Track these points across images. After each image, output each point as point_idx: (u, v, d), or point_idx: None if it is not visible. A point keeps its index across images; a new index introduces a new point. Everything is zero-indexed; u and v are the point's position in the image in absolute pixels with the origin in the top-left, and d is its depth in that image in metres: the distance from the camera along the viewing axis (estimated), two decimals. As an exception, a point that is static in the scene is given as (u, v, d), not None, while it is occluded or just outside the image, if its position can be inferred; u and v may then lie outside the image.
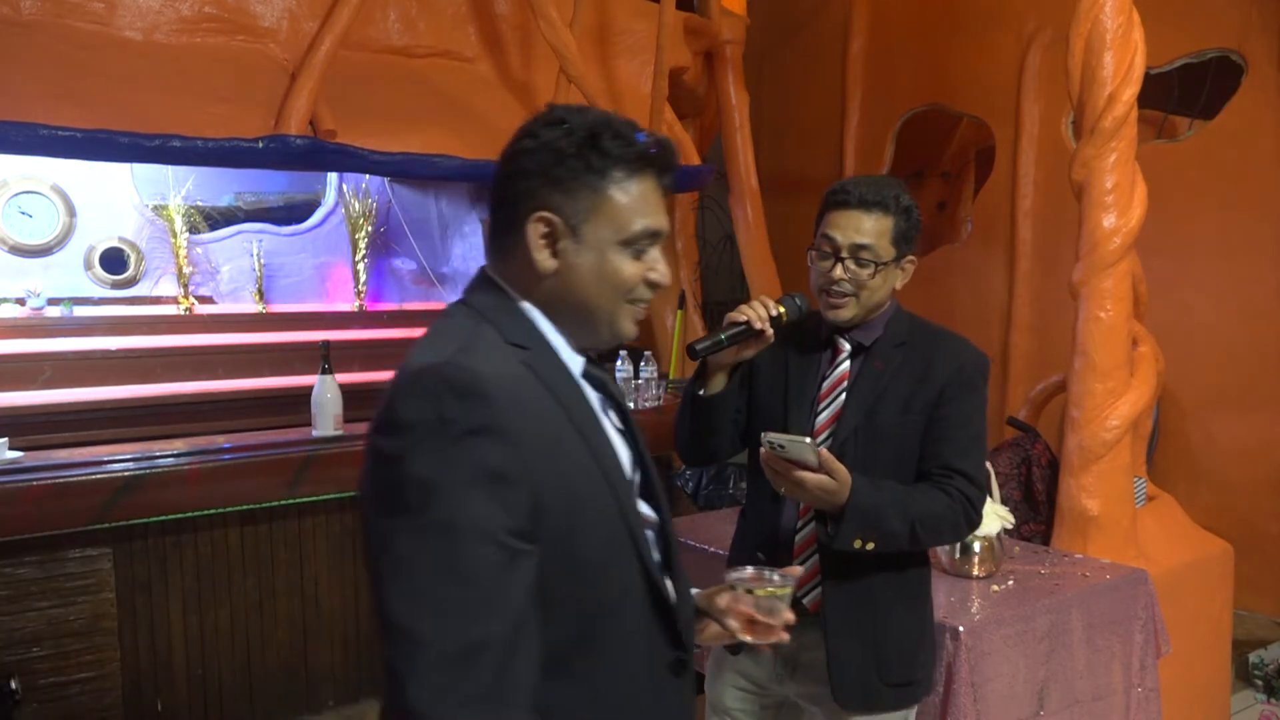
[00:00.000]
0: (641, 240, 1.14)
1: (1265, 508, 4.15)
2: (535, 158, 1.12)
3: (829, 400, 1.86)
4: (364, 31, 3.59)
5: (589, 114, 1.14)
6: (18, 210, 4.05)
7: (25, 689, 2.69)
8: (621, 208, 1.12)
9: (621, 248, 1.14)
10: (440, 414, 0.98)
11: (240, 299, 4.52)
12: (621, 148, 1.12)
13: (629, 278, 1.15)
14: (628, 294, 1.16)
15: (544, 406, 1.08)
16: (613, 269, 1.13)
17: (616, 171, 1.12)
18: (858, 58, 5.44)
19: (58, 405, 3.58)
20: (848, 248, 1.81)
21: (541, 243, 1.12)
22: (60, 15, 3.01)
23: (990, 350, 4.83)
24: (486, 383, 1.01)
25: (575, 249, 1.12)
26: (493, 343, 1.10)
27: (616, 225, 1.13)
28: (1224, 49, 4.25)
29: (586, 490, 1.09)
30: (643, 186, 1.14)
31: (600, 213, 1.12)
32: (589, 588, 1.08)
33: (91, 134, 2.88)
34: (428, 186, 4.85)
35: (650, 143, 1.14)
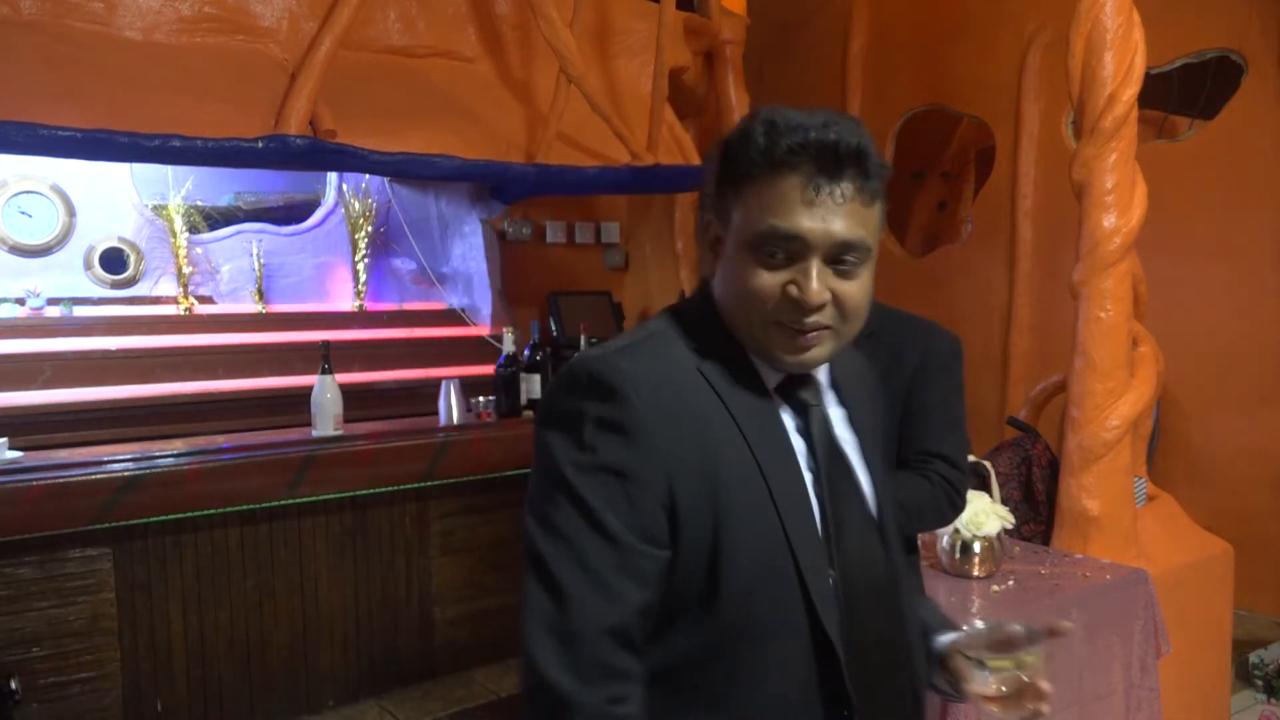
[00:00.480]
0: (769, 243, 1.01)
1: (1265, 508, 4.15)
2: (712, 158, 1.08)
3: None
4: (364, 31, 3.59)
5: (774, 110, 1.04)
6: (17, 210, 4.04)
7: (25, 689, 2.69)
8: (754, 205, 1.01)
9: (749, 249, 1.02)
10: (578, 407, 1.00)
11: (240, 299, 4.52)
12: (767, 138, 1.00)
13: (757, 288, 1.01)
14: (764, 310, 1.02)
15: (708, 414, 1.02)
16: (741, 274, 1.03)
17: (757, 164, 1.01)
18: (858, 58, 5.44)
19: (58, 405, 3.58)
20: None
21: (709, 248, 1.09)
22: (60, 15, 3.01)
23: (990, 350, 4.86)
24: (626, 382, 0.99)
25: (725, 253, 1.06)
26: (668, 345, 1.07)
27: (747, 223, 1.02)
28: (1224, 49, 4.25)
29: (742, 507, 1.01)
30: (782, 183, 1.00)
31: (738, 210, 1.03)
32: (728, 610, 1.01)
33: (91, 134, 2.87)
34: (428, 186, 4.85)
35: (802, 134, 1.00)
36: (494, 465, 3.65)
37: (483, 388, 3.94)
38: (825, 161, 1.00)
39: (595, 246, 5.30)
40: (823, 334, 1.04)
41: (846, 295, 1.03)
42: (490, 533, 3.76)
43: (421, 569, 3.59)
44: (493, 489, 3.72)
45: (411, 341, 4.57)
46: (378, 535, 3.48)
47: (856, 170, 1.01)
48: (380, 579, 3.50)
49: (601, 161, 4.07)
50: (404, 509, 3.55)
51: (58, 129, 2.83)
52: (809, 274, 1.01)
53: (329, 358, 3.37)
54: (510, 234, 4.93)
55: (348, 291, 4.75)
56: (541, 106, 3.99)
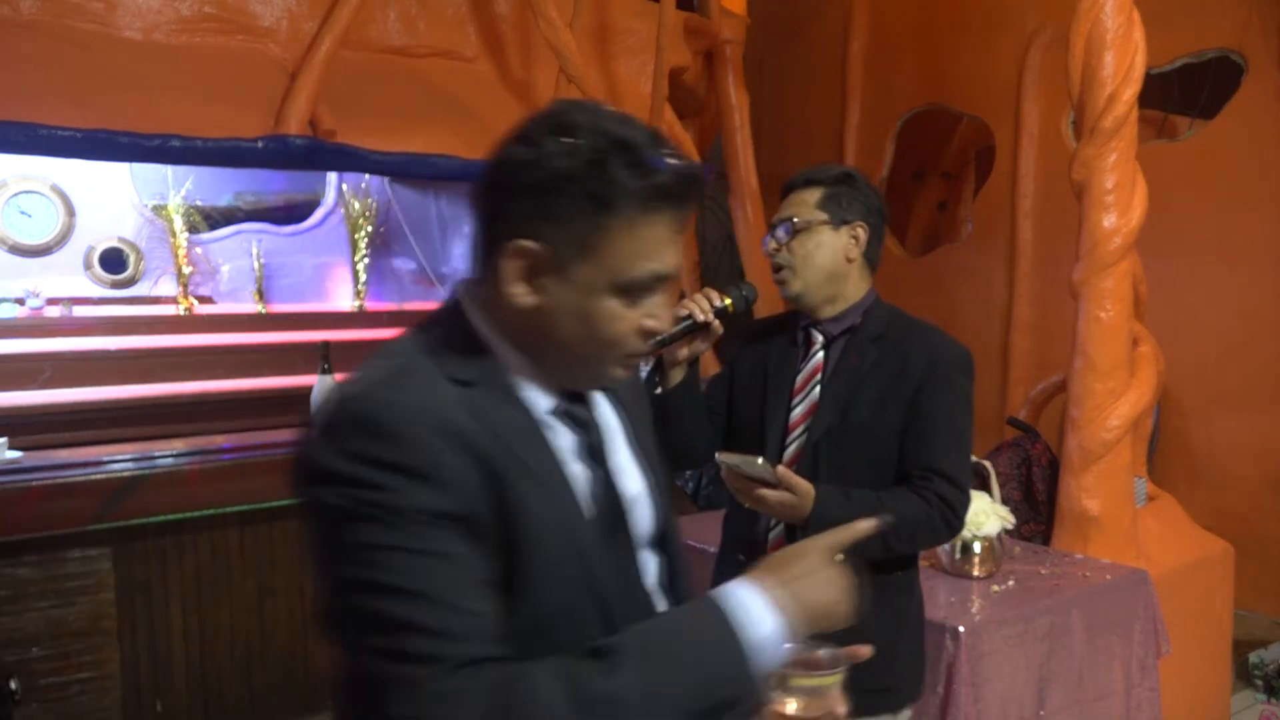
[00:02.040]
0: (643, 286, 0.97)
1: (1265, 508, 4.15)
2: (527, 173, 0.94)
3: (804, 394, 1.83)
4: (364, 31, 3.59)
5: (602, 123, 0.95)
6: (17, 210, 4.04)
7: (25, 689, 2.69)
8: (623, 249, 0.94)
9: (615, 293, 0.96)
10: (359, 451, 0.89)
11: (240, 299, 4.52)
12: (635, 178, 0.93)
13: (620, 330, 0.97)
14: (616, 346, 0.99)
15: (482, 444, 0.93)
16: (601, 317, 0.96)
17: (624, 206, 0.93)
18: (858, 58, 5.44)
19: (58, 405, 3.58)
20: (777, 221, 1.84)
21: (517, 275, 0.96)
22: (60, 15, 3.01)
23: (990, 350, 4.86)
24: (403, 419, 0.90)
25: (558, 287, 0.96)
26: (426, 374, 0.96)
27: (613, 268, 0.95)
28: (1224, 49, 4.25)
29: (538, 534, 0.95)
30: (654, 225, 0.95)
31: (596, 251, 0.94)
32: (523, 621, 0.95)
33: (91, 134, 2.88)
34: (428, 186, 4.85)
35: (671, 173, 0.94)
36: (494, 465, 3.64)
37: (483, 388, 3.94)
38: (688, 196, 0.97)
39: (595, 246, 5.30)
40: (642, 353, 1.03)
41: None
42: (490, 533, 3.76)
43: (421, 569, 3.59)
44: (493, 489, 3.72)
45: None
46: (378, 535, 3.48)
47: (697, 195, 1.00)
48: (380, 579, 3.49)
49: (601, 161, 4.06)
50: (404, 509, 3.55)
51: (58, 129, 2.83)
52: (664, 305, 1.00)
53: (329, 358, 3.37)
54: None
55: (347, 291, 4.75)
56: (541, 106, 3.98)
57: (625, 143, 0.94)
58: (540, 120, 0.98)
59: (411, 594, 0.87)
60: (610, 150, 0.93)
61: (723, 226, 6.14)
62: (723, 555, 1.97)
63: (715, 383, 1.97)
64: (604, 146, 0.93)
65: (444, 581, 0.88)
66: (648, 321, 0.99)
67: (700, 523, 2.98)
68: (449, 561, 0.89)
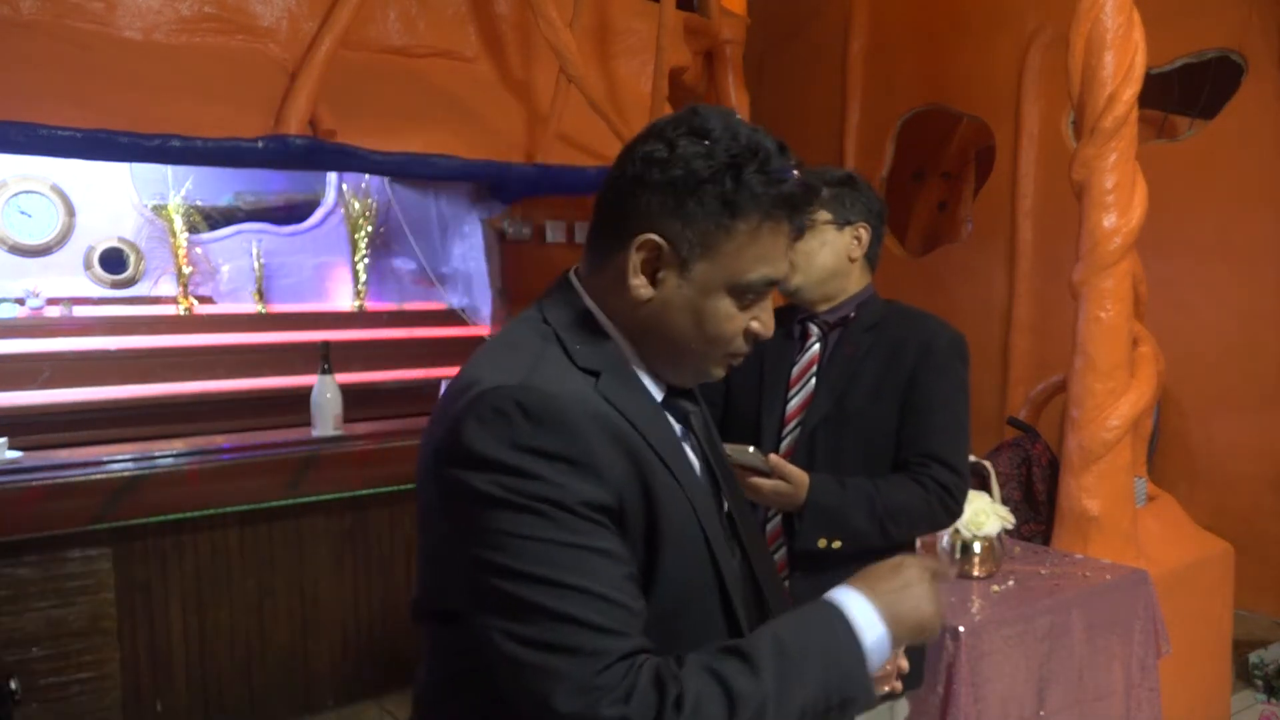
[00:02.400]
0: (755, 289, 1.02)
1: (1265, 508, 4.15)
2: (664, 171, 0.98)
3: (800, 385, 1.85)
4: (364, 31, 3.59)
5: (737, 130, 0.99)
6: (17, 210, 4.04)
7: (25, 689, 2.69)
8: (743, 252, 0.99)
9: (730, 294, 1.01)
10: (516, 442, 0.91)
11: (240, 299, 4.52)
12: (765, 185, 0.98)
13: (729, 329, 1.03)
14: (723, 344, 1.04)
15: (624, 434, 0.97)
16: (714, 315, 1.01)
17: (751, 211, 0.98)
18: (858, 58, 5.44)
19: (58, 405, 3.58)
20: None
21: (641, 268, 1.00)
22: (60, 15, 3.01)
23: (990, 350, 4.86)
24: (563, 408, 0.93)
25: (678, 284, 1.00)
26: (561, 365, 1.00)
27: (732, 269, 1.00)
28: (1224, 49, 4.25)
29: (673, 521, 1.00)
30: (775, 232, 1.00)
31: (719, 252, 0.99)
32: (662, 599, 0.99)
33: (91, 134, 2.87)
34: (428, 186, 4.85)
35: (796, 184, 1.00)
36: (494, 465, 3.64)
37: (483, 388, 3.94)
38: (803, 208, 1.03)
39: (595, 246, 5.30)
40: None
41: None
42: (490, 533, 3.76)
43: (421, 569, 3.59)
44: (493, 489, 3.72)
45: (411, 341, 4.57)
46: (378, 535, 3.48)
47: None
48: (380, 579, 3.49)
49: (601, 161, 4.06)
50: (404, 509, 3.55)
51: (58, 129, 2.83)
52: (770, 310, 1.06)
53: (329, 358, 3.37)
54: (510, 234, 4.92)
55: (347, 291, 4.75)
56: (541, 106, 3.99)
57: (758, 150, 0.98)
58: (677, 121, 1.01)
59: (573, 589, 0.89)
60: (744, 156, 0.97)
61: (723, 226, 6.14)
62: None
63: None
64: (738, 152, 0.97)
65: (603, 575, 0.91)
66: (754, 324, 1.04)
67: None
68: (607, 556, 0.92)
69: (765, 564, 1.20)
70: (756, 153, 0.98)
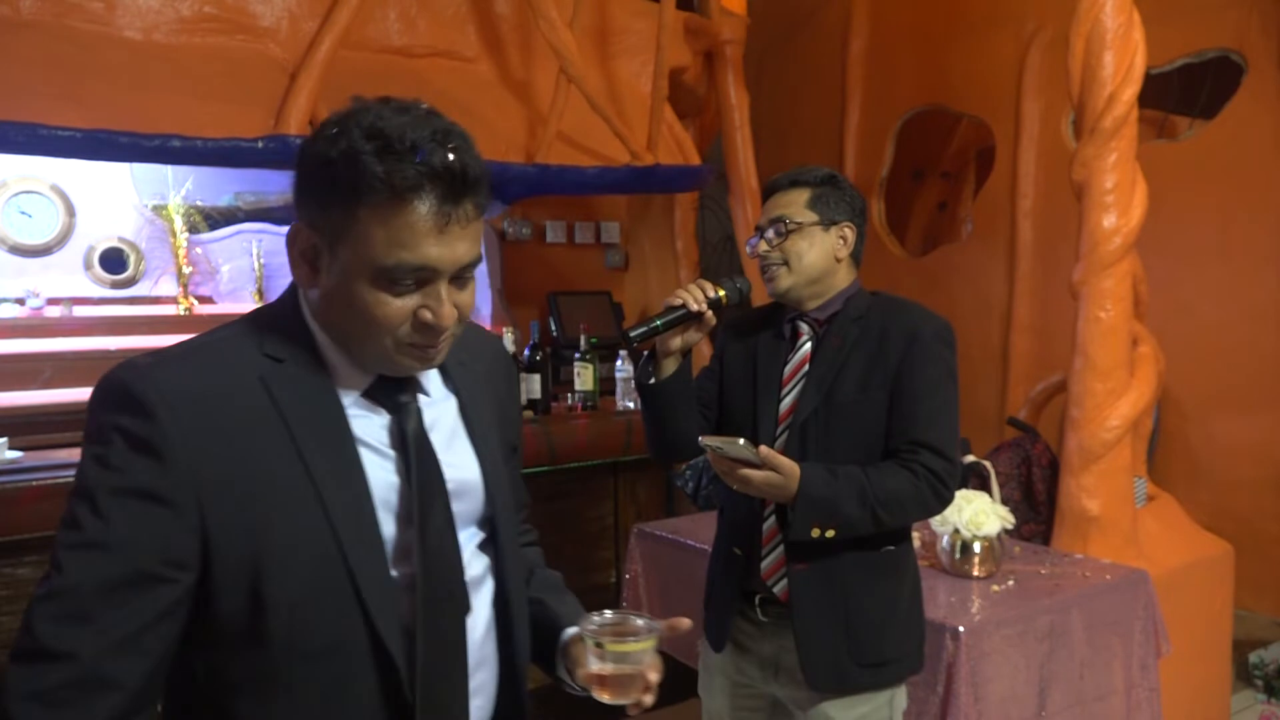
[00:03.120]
0: (397, 276, 0.98)
1: (1265, 508, 4.15)
2: (304, 159, 1.02)
3: (792, 384, 1.87)
4: (364, 31, 3.59)
5: (370, 118, 0.98)
6: (17, 210, 4.05)
7: (25, 689, 2.68)
8: (372, 236, 0.97)
9: (374, 281, 0.99)
10: (111, 421, 0.96)
11: (240, 299, 4.52)
12: (384, 166, 0.95)
13: (383, 316, 1.00)
14: (394, 335, 1.01)
15: (257, 429, 0.99)
16: (364, 303, 1.00)
17: (372, 193, 0.96)
18: (858, 58, 5.44)
19: (58, 405, 3.58)
20: (768, 221, 1.88)
21: (300, 258, 1.04)
22: (60, 15, 3.01)
23: (990, 350, 4.86)
24: (159, 397, 0.96)
25: (330, 271, 1.01)
26: (227, 353, 1.03)
27: (367, 255, 0.98)
28: (1224, 49, 4.25)
29: (291, 525, 0.99)
30: (408, 214, 0.96)
31: (352, 237, 0.98)
32: (276, 632, 0.99)
33: (91, 134, 2.87)
34: (428, 186, 4.85)
35: (423, 165, 0.96)
36: (494, 465, 3.65)
37: (483, 388, 3.94)
38: (451, 188, 0.98)
39: (595, 246, 5.30)
40: (446, 342, 1.05)
41: (465, 304, 1.05)
42: (490, 533, 3.76)
43: (421, 569, 3.59)
44: (493, 489, 3.72)
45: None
46: (378, 535, 3.48)
47: (477, 193, 1.01)
48: (380, 579, 3.49)
49: (601, 161, 4.07)
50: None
51: (58, 129, 2.83)
52: (440, 299, 1.01)
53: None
54: (510, 234, 4.93)
55: (348, 291, 4.75)
56: (541, 106, 3.99)
57: (381, 134, 0.97)
58: (339, 111, 1.03)
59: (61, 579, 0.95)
60: (365, 140, 0.97)
61: (723, 226, 6.14)
62: (717, 548, 1.99)
63: (704, 376, 2.00)
64: (359, 137, 0.97)
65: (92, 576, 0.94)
66: (424, 313, 1.01)
67: (699, 523, 2.99)
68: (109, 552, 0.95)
69: (442, 583, 1.08)
70: (379, 136, 0.96)
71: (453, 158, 0.98)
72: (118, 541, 0.94)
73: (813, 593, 1.80)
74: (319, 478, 1.00)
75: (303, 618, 1.00)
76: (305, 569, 0.99)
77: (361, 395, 1.08)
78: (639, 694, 1.10)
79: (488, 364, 1.25)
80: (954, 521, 2.55)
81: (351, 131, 0.97)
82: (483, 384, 1.22)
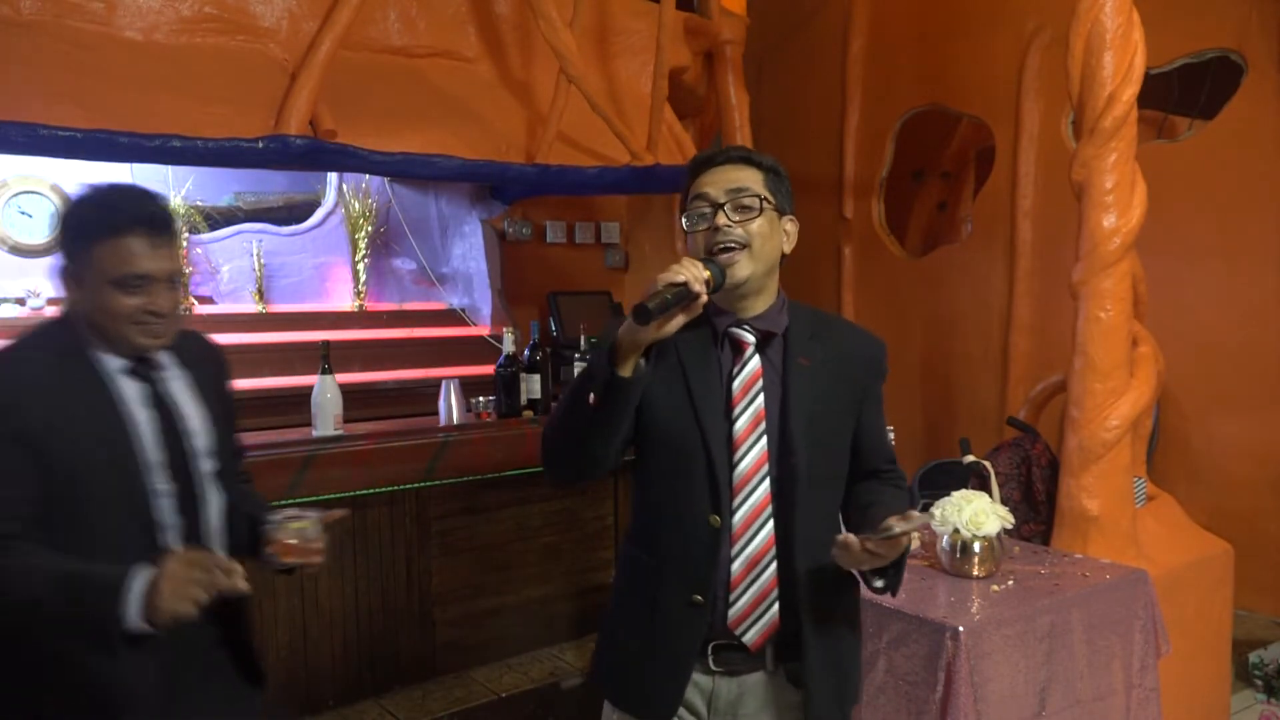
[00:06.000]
0: (129, 281, 1.58)
1: (1265, 508, 4.15)
2: (61, 223, 1.65)
3: (746, 403, 1.63)
4: (364, 31, 3.59)
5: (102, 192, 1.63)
6: (17, 210, 4.04)
7: (25, 689, 2.68)
8: (106, 260, 1.58)
9: (114, 287, 1.58)
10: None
11: (240, 299, 4.52)
12: (98, 219, 1.59)
13: (121, 308, 1.59)
14: (128, 320, 1.60)
15: (63, 394, 1.56)
16: (104, 301, 1.59)
17: (98, 237, 1.58)
18: (858, 58, 5.44)
19: (58, 405, 3.57)
20: (725, 193, 1.62)
21: (64, 281, 1.63)
22: (60, 15, 3.00)
23: (990, 350, 4.86)
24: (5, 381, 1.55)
25: (82, 289, 1.61)
26: (33, 348, 1.62)
27: (105, 272, 1.58)
28: (1224, 49, 4.25)
29: (88, 457, 1.55)
30: (124, 244, 1.57)
31: (91, 263, 1.59)
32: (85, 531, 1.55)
33: (91, 134, 2.87)
34: (428, 186, 4.85)
35: (125, 215, 1.58)
36: (494, 465, 3.65)
37: (483, 388, 3.94)
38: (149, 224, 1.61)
39: (595, 246, 5.30)
40: (161, 324, 1.63)
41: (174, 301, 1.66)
42: (490, 533, 3.76)
43: (421, 569, 3.59)
44: (492, 489, 3.72)
45: (411, 341, 4.57)
46: (378, 535, 3.48)
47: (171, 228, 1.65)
48: (380, 579, 3.50)
49: (601, 161, 4.06)
50: (404, 509, 3.55)
51: (58, 129, 2.82)
52: (158, 293, 1.61)
53: (329, 358, 3.37)
54: (510, 234, 4.92)
55: (348, 291, 4.75)
56: (541, 106, 3.98)
57: (90, 201, 1.63)
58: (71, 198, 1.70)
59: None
60: (82, 206, 1.64)
61: (723, 226, 6.12)
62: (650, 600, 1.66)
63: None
64: (81, 204, 1.65)
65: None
66: (148, 304, 1.60)
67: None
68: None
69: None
70: (90, 202, 1.65)
71: (156, 211, 1.66)
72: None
73: (822, 653, 1.65)
74: (102, 428, 1.62)
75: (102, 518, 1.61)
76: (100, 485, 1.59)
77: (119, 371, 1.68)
78: (310, 558, 1.67)
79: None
80: (954, 521, 2.55)
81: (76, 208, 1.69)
82: (208, 369, 1.84)
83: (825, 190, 5.52)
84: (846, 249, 5.46)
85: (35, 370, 1.57)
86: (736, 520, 1.61)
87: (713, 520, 1.60)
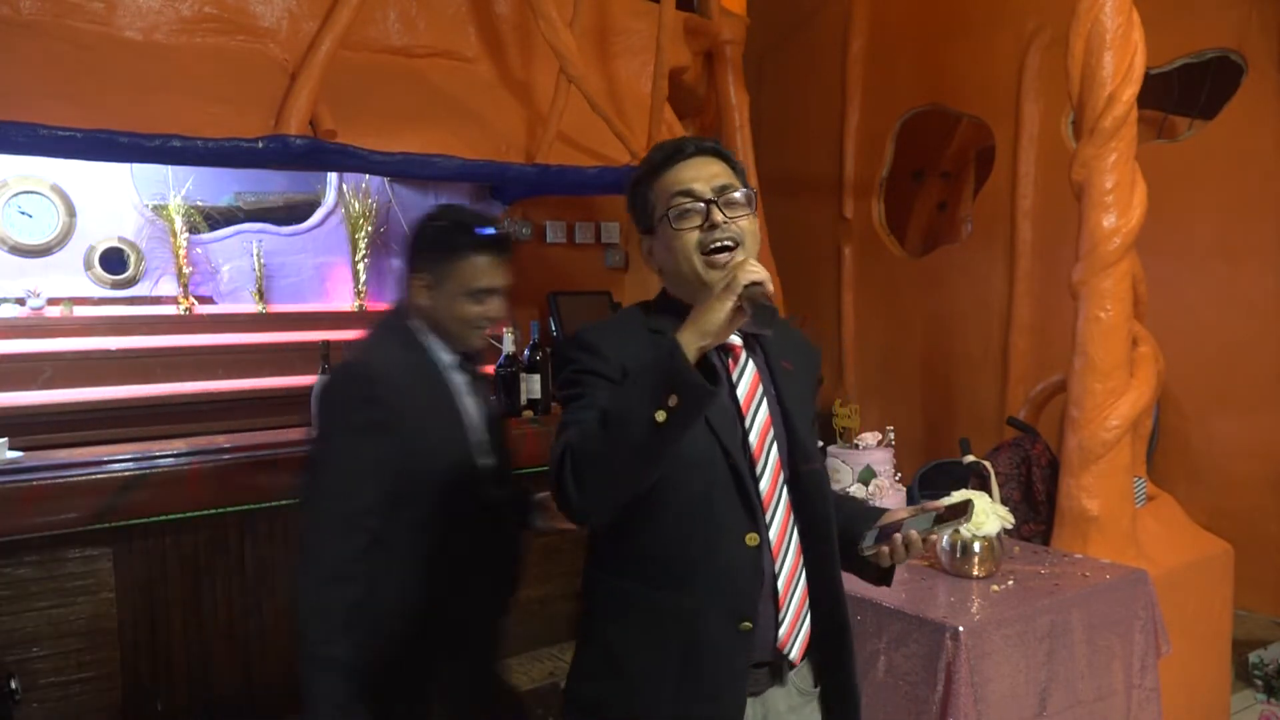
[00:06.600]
0: (480, 293, 1.97)
1: (1265, 508, 4.15)
2: (418, 237, 2.01)
3: (753, 412, 1.54)
4: (364, 31, 3.59)
5: (456, 213, 2.04)
6: (18, 210, 4.04)
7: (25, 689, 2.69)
8: (465, 274, 1.94)
9: (467, 297, 1.95)
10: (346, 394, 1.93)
11: (240, 299, 4.52)
12: (462, 240, 1.95)
13: (475, 313, 1.97)
14: (472, 324, 1.97)
15: (415, 384, 1.93)
16: (457, 309, 1.96)
17: (462, 254, 1.94)
18: (858, 58, 5.44)
19: (58, 405, 3.58)
20: (712, 190, 1.49)
21: (411, 290, 1.99)
22: (60, 15, 3.01)
23: (990, 350, 4.86)
24: (374, 372, 1.91)
25: (435, 296, 1.96)
26: (389, 344, 1.97)
27: (463, 284, 1.95)
28: (1224, 49, 4.26)
29: (440, 435, 1.94)
30: (479, 261, 1.95)
31: (450, 275, 1.95)
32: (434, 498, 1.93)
33: (91, 134, 2.87)
34: (428, 186, 4.85)
35: (482, 239, 1.97)
36: (494, 465, 3.64)
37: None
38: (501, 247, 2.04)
39: (595, 246, 5.29)
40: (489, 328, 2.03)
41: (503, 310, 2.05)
42: (490, 533, 3.75)
43: (421, 569, 3.59)
44: (493, 489, 3.72)
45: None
46: (378, 535, 3.48)
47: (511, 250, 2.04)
48: (380, 579, 3.49)
49: (601, 161, 4.06)
50: (404, 509, 3.54)
51: (58, 129, 2.83)
52: (495, 302, 2.02)
53: (329, 358, 3.37)
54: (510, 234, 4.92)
55: (348, 291, 4.75)
56: (541, 106, 3.98)
57: (462, 219, 2.00)
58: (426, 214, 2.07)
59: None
60: (456, 222, 2.01)
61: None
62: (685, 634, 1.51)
63: (589, 405, 1.43)
64: (453, 220, 2.03)
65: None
66: (490, 313, 2.00)
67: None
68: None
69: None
70: (462, 221, 2.07)
71: (497, 232, 2.07)
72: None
73: (843, 637, 1.64)
74: (447, 410, 2.05)
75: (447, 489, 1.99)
76: (445, 460, 2.00)
77: (450, 364, 2.06)
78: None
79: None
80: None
81: (445, 219, 2.13)
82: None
83: (825, 190, 5.52)
84: (846, 249, 5.46)
85: (391, 366, 1.91)
86: (773, 534, 1.52)
87: (749, 539, 1.49)
